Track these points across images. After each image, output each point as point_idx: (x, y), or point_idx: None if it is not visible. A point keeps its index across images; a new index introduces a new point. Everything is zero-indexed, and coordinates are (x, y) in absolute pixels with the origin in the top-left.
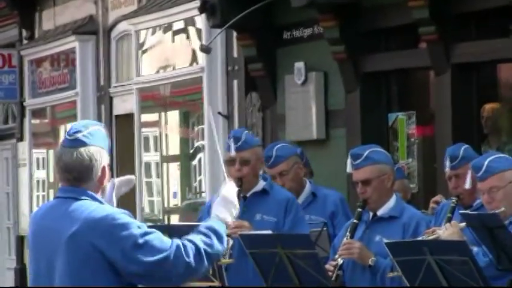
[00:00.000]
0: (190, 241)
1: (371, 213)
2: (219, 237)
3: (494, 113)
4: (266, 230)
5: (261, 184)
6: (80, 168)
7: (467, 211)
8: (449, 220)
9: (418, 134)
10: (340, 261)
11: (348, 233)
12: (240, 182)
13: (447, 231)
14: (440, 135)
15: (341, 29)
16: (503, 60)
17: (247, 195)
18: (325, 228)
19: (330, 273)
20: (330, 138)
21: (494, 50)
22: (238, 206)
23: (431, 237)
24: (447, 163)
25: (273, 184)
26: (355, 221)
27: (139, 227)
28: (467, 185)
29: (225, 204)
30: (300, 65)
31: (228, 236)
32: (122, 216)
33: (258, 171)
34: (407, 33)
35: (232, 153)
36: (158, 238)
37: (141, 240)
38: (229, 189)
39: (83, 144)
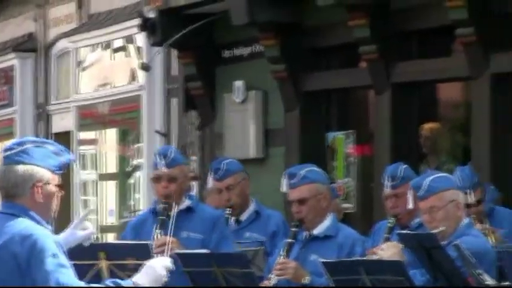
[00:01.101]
0: None
1: (306, 233)
2: None
3: (433, 133)
4: (193, 248)
5: (186, 202)
6: (7, 186)
7: (405, 231)
8: (387, 241)
9: (356, 153)
10: (274, 280)
11: (282, 252)
12: (167, 199)
13: (388, 252)
14: (379, 155)
15: (281, 48)
16: (443, 79)
17: (174, 213)
18: (262, 247)
19: None
20: (268, 157)
21: (434, 70)
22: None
23: (372, 258)
24: (387, 183)
25: (198, 202)
26: (290, 240)
27: (54, 256)
28: (410, 205)
29: (150, 278)
30: (239, 83)
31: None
32: (46, 240)
33: (184, 188)
34: (348, 52)
35: (159, 170)
36: (67, 274)
37: (50, 267)
38: (162, 265)
39: (13, 162)
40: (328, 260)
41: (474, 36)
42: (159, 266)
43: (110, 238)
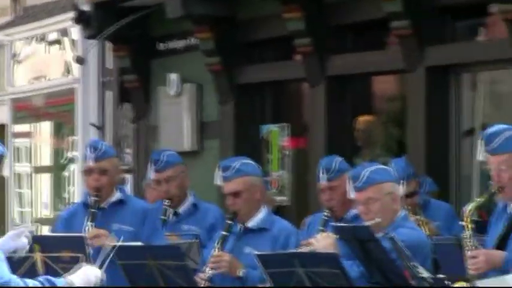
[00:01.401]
0: None
1: (241, 225)
2: None
3: (367, 126)
4: (125, 240)
5: (117, 195)
6: None
7: (339, 223)
8: (322, 232)
9: (291, 146)
10: (209, 273)
11: (217, 245)
12: (97, 192)
13: (322, 242)
14: (314, 148)
15: (216, 41)
16: (378, 72)
17: (104, 205)
18: (196, 240)
19: (200, 285)
20: (203, 149)
21: (368, 63)
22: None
23: (303, 250)
24: (322, 175)
25: (129, 195)
26: (224, 233)
27: None
28: (351, 195)
29: (82, 280)
30: (174, 76)
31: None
32: None
33: (115, 181)
34: (283, 45)
35: (90, 163)
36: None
37: None
38: (94, 274)
39: None
40: (262, 253)
41: (409, 29)
42: (92, 274)
43: (45, 231)
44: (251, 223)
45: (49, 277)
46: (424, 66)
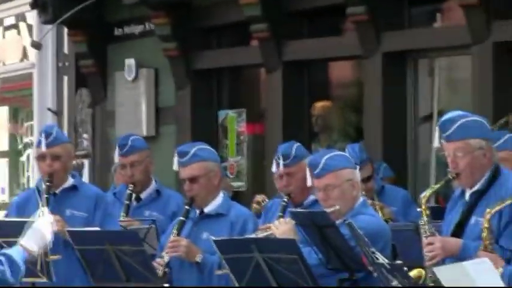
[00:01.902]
0: None
1: (198, 211)
2: (13, 268)
3: (324, 111)
4: (77, 226)
5: (70, 180)
6: None
7: (297, 209)
8: (280, 218)
9: (248, 131)
10: (166, 258)
11: (174, 231)
12: (50, 177)
13: (281, 228)
14: (271, 133)
15: (173, 26)
16: (334, 58)
17: (57, 191)
18: (153, 226)
19: (157, 271)
20: (159, 135)
21: (325, 48)
22: (50, 242)
23: (264, 234)
24: (280, 161)
25: (81, 180)
26: (181, 218)
27: None
28: (309, 182)
29: (36, 238)
30: (130, 61)
31: None
32: None
33: (68, 167)
34: (239, 30)
35: (43, 148)
36: None
37: None
38: (45, 224)
39: None
40: (220, 238)
41: (365, 15)
42: (43, 227)
43: (1, 216)
44: (208, 208)
45: (5, 252)
46: (380, 52)
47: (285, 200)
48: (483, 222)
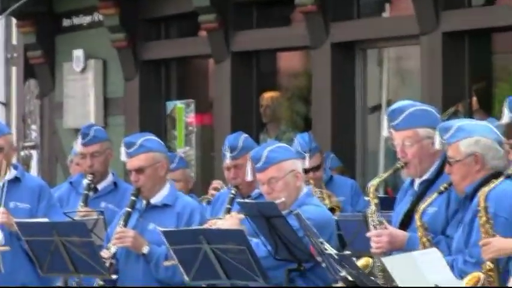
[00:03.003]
0: None
1: (144, 201)
2: None
3: (273, 102)
4: (21, 218)
5: (13, 172)
6: None
7: (245, 200)
8: (228, 211)
9: (196, 122)
10: (113, 249)
11: (121, 222)
12: None
13: (227, 222)
14: (219, 124)
15: (121, 17)
16: (283, 48)
17: (0, 183)
18: (101, 217)
19: (105, 262)
20: (108, 125)
21: (274, 39)
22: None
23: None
24: (227, 153)
25: (24, 172)
26: (128, 209)
27: None
28: (249, 176)
29: None
30: (79, 52)
31: None
32: None
33: (10, 159)
34: (188, 21)
35: None
36: None
37: None
38: None
39: None
40: (168, 229)
41: (314, 5)
42: None
43: None
44: (155, 200)
45: None
46: (329, 42)
47: (233, 192)
48: (417, 221)
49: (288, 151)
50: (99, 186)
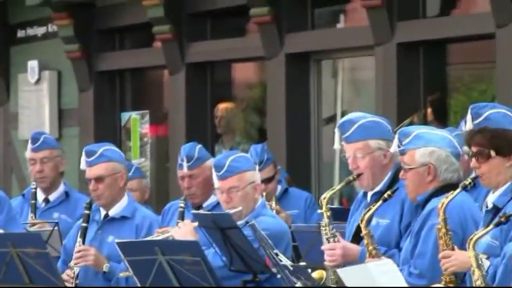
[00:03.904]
0: None
1: (103, 213)
2: None
3: (227, 113)
4: None
5: None
6: None
7: (200, 211)
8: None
9: (151, 133)
10: (76, 270)
11: (79, 239)
12: None
13: (180, 230)
14: (174, 135)
15: (75, 28)
16: (237, 59)
17: None
18: (56, 228)
19: (69, 284)
20: (63, 137)
21: (228, 50)
22: None
23: (161, 237)
24: (183, 163)
25: None
26: (83, 224)
27: None
28: (216, 184)
29: None
30: (33, 63)
31: None
32: None
33: None
34: (142, 32)
35: None
36: None
37: None
38: None
39: None
40: (123, 240)
41: (269, 16)
42: None
43: None
44: (113, 211)
45: None
46: (284, 53)
47: (182, 205)
48: (362, 229)
49: (249, 162)
50: (51, 197)
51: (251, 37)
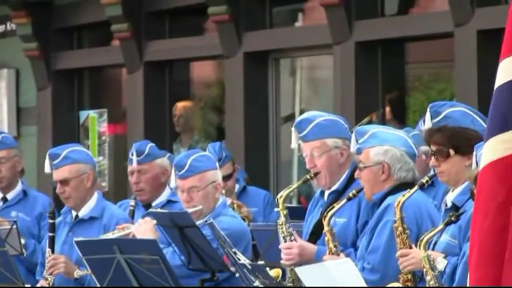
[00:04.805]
0: None
1: (73, 215)
2: None
3: (186, 112)
4: None
5: None
6: None
7: (157, 209)
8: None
9: (109, 132)
10: (50, 279)
11: (48, 249)
12: None
13: (141, 228)
14: (132, 134)
15: (34, 26)
16: (195, 58)
17: None
18: (14, 226)
19: None
20: (21, 135)
21: (187, 48)
22: None
23: (122, 233)
24: (133, 158)
25: None
26: (50, 234)
27: None
28: (172, 183)
29: None
30: None
31: None
32: None
33: None
34: (101, 30)
35: None
36: None
37: None
38: None
39: None
40: (82, 239)
41: (227, 15)
42: None
43: None
44: (82, 212)
45: None
46: (242, 52)
47: (132, 204)
48: (325, 226)
49: (211, 161)
50: (9, 196)
51: (209, 36)
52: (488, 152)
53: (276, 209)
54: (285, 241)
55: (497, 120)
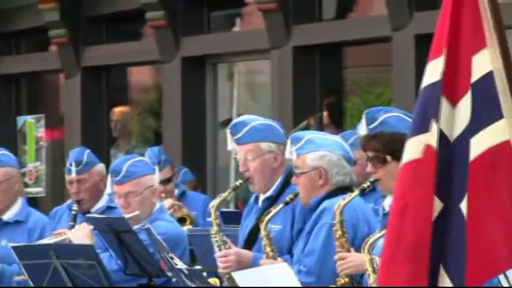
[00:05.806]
0: None
1: None
2: None
3: (123, 116)
4: None
5: None
6: None
7: (94, 215)
8: (72, 228)
9: (47, 137)
10: None
11: None
12: None
13: (77, 233)
14: (70, 139)
15: None
16: (133, 63)
17: None
18: None
19: None
20: None
21: (124, 53)
22: None
23: (58, 239)
24: (72, 168)
25: None
26: None
27: None
28: (108, 189)
29: None
30: None
31: None
32: None
33: None
34: (38, 36)
35: None
36: None
37: None
38: None
39: None
40: (19, 244)
41: (164, 20)
42: None
43: None
44: (7, 216)
45: None
46: (180, 57)
47: (75, 208)
48: (262, 231)
49: (147, 166)
50: None
51: (147, 41)
52: (408, 150)
53: (208, 219)
54: (220, 250)
55: (417, 121)
